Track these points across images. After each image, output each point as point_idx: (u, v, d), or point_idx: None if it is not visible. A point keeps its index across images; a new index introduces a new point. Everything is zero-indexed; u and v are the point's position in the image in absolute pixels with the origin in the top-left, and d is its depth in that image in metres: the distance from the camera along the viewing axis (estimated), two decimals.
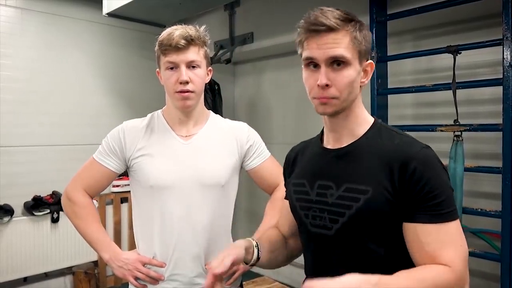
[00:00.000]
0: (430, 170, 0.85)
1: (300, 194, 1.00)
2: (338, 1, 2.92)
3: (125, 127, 1.31)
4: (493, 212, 1.95)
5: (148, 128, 1.31)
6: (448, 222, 0.83)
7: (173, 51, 1.21)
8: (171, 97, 1.27)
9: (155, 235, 1.27)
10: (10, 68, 3.00)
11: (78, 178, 1.34)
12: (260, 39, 3.28)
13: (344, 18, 0.88)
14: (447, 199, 0.84)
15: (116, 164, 1.30)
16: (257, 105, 3.72)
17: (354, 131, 0.95)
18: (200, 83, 1.26)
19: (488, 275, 2.21)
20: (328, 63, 0.87)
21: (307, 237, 1.00)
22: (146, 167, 1.26)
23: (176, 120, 1.31)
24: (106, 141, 1.31)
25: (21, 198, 3.01)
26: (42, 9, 3.15)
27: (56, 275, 3.19)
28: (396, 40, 2.52)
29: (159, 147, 1.28)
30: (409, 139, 0.92)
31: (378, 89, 2.28)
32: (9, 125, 2.98)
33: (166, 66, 1.24)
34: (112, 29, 3.46)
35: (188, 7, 2.83)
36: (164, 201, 1.25)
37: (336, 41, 0.86)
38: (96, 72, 3.44)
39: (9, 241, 2.89)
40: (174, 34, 1.21)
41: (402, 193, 0.85)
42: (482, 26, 2.22)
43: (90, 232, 1.31)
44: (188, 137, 1.31)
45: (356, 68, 0.89)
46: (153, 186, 1.25)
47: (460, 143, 1.97)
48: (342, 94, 0.88)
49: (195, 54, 1.23)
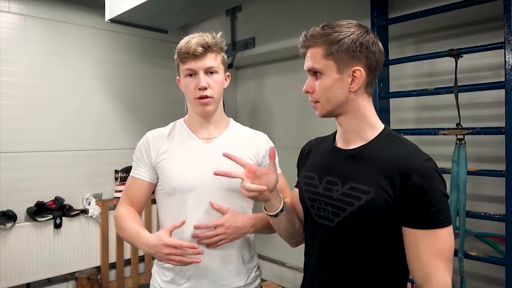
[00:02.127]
0: (429, 183, 0.93)
1: (309, 186, 1.12)
2: (340, 6, 2.94)
3: (148, 135, 1.37)
4: (497, 215, 1.94)
5: (170, 134, 1.35)
6: (442, 228, 0.93)
7: (191, 59, 1.25)
8: (191, 103, 1.31)
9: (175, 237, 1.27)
10: (13, 74, 3.02)
11: (122, 196, 1.39)
12: (261, 44, 3.29)
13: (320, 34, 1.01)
14: (442, 208, 0.94)
15: (147, 172, 1.33)
16: (258, 110, 3.72)
17: (362, 134, 1.05)
18: (218, 88, 1.30)
19: (492, 279, 2.19)
20: (311, 73, 1.04)
21: (312, 225, 1.11)
22: (168, 170, 1.29)
23: (197, 125, 1.35)
24: (135, 154, 1.36)
25: (24, 204, 3.01)
26: (45, 15, 3.17)
27: (59, 281, 3.19)
28: (398, 44, 2.53)
29: (180, 149, 1.32)
30: (413, 150, 1.00)
31: (380, 93, 2.28)
32: (12, 131, 2.99)
33: (185, 73, 1.28)
34: (115, 35, 3.49)
35: (190, 12, 2.85)
36: (186, 203, 1.27)
37: (312, 54, 1.02)
38: (98, 78, 3.46)
39: (12, 247, 2.89)
40: (192, 42, 1.25)
41: (402, 200, 0.94)
42: (484, 30, 2.22)
43: (128, 236, 1.29)
44: (209, 140, 1.34)
45: (332, 77, 1.00)
46: (175, 188, 1.27)
47: (463, 146, 1.96)
48: (320, 98, 1.03)
49: (213, 60, 1.27)
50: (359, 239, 0.99)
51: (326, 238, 1.05)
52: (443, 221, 0.93)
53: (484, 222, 2.12)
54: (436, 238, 0.93)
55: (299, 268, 1.19)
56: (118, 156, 3.51)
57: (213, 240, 1.25)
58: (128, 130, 3.54)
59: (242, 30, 3.46)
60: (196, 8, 2.75)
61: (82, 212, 3.25)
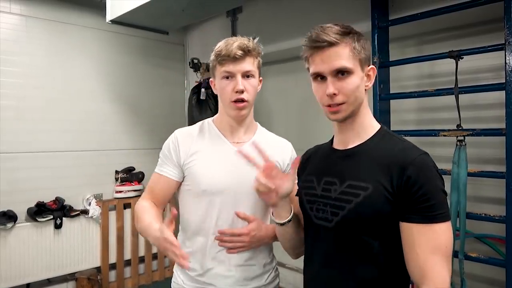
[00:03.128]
0: (425, 176, 0.93)
1: (308, 189, 1.11)
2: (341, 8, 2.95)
3: (178, 133, 1.36)
4: (498, 217, 1.93)
5: (200, 134, 1.35)
6: (439, 223, 0.92)
7: (230, 61, 1.25)
8: (225, 105, 1.31)
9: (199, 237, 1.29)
10: (14, 75, 3.02)
11: (145, 192, 1.39)
12: (262, 45, 3.29)
13: (342, 32, 0.99)
14: (439, 202, 0.93)
15: (173, 171, 1.32)
16: (259, 111, 3.70)
17: (360, 135, 1.06)
18: (253, 92, 1.32)
19: (493, 281, 2.19)
20: (333, 74, 0.98)
21: (311, 228, 1.10)
22: (198, 171, 1.29)
23: (228, 128, 1.35)
24: (162, 151, 1.36)
25: (24, 204, 3.02)
26: (46, 16, 3.18)
27: (59, 281, 3.19)
28: (398, 45, 2.53)
29: (210, 152, 1.31)
30: (410, 146, 1.01)
31: (381, 94, 2.28)
32: (13, 132, 2.99)
33: (223, 76, 1.28)
34: (116, 36, 3.49)
35: (191, 14, 2.85)
36: (213, 205, 1.27)
37: (338, 53, 0.97)
38: (100, 79, 3.46)
39: (12, 247, 2.90)
40: (233, 45, 1.25)
41: (399, 194, 0.94)
42: (484, 31, 2.22)
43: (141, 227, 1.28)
44: (240, 144, 1.34)
45: (359, 75, 1.00)
46: (206, 190, 1.27)
47: (463, 148, 1.96)
48: (349, 99, 0.99)
49: (251, 64, 1.28)
50: (358, 237, 0.98)
51: (326, 240, 1.04)
52: (439, 216, 0.92)
53: (484, 223, 2.12)
54: (433, 233, 0.91)
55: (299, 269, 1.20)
56: (118, 157, 3.52)
57: (236, 245, 1.29)
58: (128, 131, 3.55)
59: (243, 31, 3.43)
60: (197, 9, 2.75)
61: (82, 212, 3.25)
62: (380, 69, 2.28)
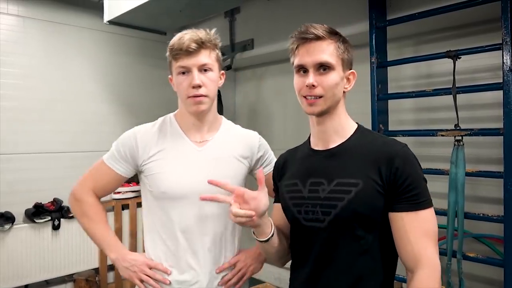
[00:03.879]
0: (410, 166, 0.99)
1: (293, 193, 1.10)
2: (339, 8, 2.95)
3: (137, 132, 1.29)
4: (496, 217, 1.94)
5: (161, 133, 1.29)
6: (425, 210, 0.98)
7: (184, 55, 1.19)
8: (184, 102, 1.25)
9: (165, 240, 1.26)
10: (11, 76, 3.01)
11: (87, 179, 1.34)
12: (260, 45, 3.29)
13: (330, 31, 1.04)
14: (423, 190, 0.99)
15: (126, 169, 1.29)
16: (257, 111, 3.73)
17: (340, 133, 1.08)
18: (213, 86, 1.24)
19: (491, 281, 2.19)
20: (315, 68, 1.02)
21: (300, 232, 1.09)
22: (159, 173, 1.24)
23: (190, 126, 1.29)
24: (117, 147, 1.30)
25: (22, 206, 3.00)
26: (43, 17, 3.17)
27: (57, 283, 3.17)
28: (396, 45, 2.53)
29: (172, 153, 1.26)
30: (390, 140, 1.07)
31: (379, 94, 2.28)
32: (10, 133, 2.98)
33: (178, 71, 1.22)
34: (114, 37, 3.48)
35: (189, 14, 2.85)
36: (175, 208, 1.24)
37: (322, 48, 1.02)
38: (97, 80, 3.45)
39: (10, 249, 2.88)
40: (185, 38, 1.19)
41: (388, 185, 0.98)
42: (482, 31, 2.23)
43: (97, 232, 1.32)
44: (202, 143, 1.29)
45: (340, 74, 1.04)
46: (165, 192, 1.23)
47: (461, 147, 1.96)
48: (327, 94, 1.02)
49: (207, 57, 1.22)
50: (352, 233, 1.00)
51: (319, 240, 1.04)
52: (425, 202, 0.98)
53: (482, 223, 2.12)
54: (422, 219, 0.97)
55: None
56: None
57: (238, 275, 1.31)
58: None
59: (241, 32, 3.46)
60: (194, 9, 2.75)
61: None
62: (378, 69, 2.28)
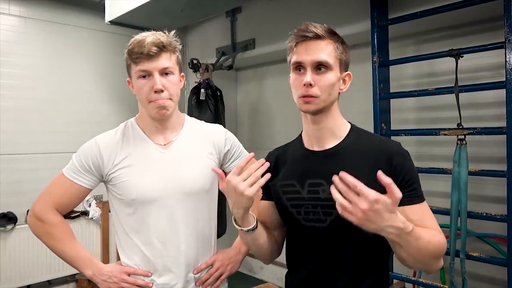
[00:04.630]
0: (408, 164, 1.03)
1: (290, 194, 1.10)
2: (340, 7, 2.94)
3: (100, 142, 1.26)
4: (499, 216, 1.93)
5: (124, 140, 1.26)
6: (422, 202, 1.03)
7: (145, 59, 1.16)
8: (145, 106, 1.23)
9: (140, 246, 1.25)
10: (14, 76, 3.02)
11: (47, 196, 1.28)
12: (261, 45, 3.29)
13: (329, 31, 1.05)
14: (419, 186, 1.04)
15: (90, 180, 1.25)
16: (259, 111, 3.72)
17: (335, 133, 1.09)
18: (175, 89, 1.22)
19: (494, 280, 2.19)
20: (313, 67, 1.02)
21: (299, 232, 1.10)
22: (126, 181, 1.22)
23: (153, 129, 1.27)
24: (78, 158, 1.26)
25: (24, 206, 2.99)
26: (45, 17, 3.18)
27: (59, 283, 3.18)
28: (398, 44, 2.52)
29: (137, 158, 1.24)
30: (385, 138, 1.13)
31: (380, 94, 2.27)
32: (12, 133, 2.99)
33: (138, 75, 1.19)
34: (115, 37, 3.48)
35: (190, 14, 2.85)
36: (148, 213, 1.22)
37: (321, 47, 1.02)
38: (99, 80, 3.46)
39: (12, 249, 2.89)
40: (145, 41, 1.16)
41: None
42: (484, 30, 2.22)
43: (68, 251, 1.26)
44: (166, 146, 1.27)
45: (336, 75, 1.04)
46: (136, 199, 1.21)
47: (464, 146, 1.96)
48: (323, 94, 1.02)
49: (168, 60, 1.19)
50: (353, 233, 0.98)
51: (320, 240, 1.05)
52: (421, 196, 1.03)
53: (485, 222, 2.11)
54: (423, 210, 1.02)
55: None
56: None
57: (216, 275, 1.30)
58: None
59: (242, 32, 3.45)
60: (195, 9, 2.75)
61: (82, 214, 3.25)
62: (380, 68, 2.27)
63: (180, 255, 1.25)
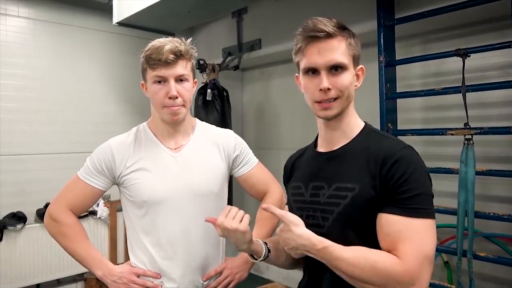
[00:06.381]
0: (406, 167, 0.90)
1: (297, 196, 1.08)
2: (346, 7, 2.94)
3: (112, 145, 1.29)
4: (506, 216, 1.92)
5: (136, 143, 1.30)
6: (415, 218, 0.87)
7: (162, 66, 1.19)
8: (158, 111, 1.26)
9: (148, 248, 1.27)
10: (22, 77, 3.05)
11: (62, 197, 1.32)
12: (267, 45, 3.30)
13: (339, 26, 0.96)
14: (418, 197, 0.88)
15: (103, 182, 1.29)
16: (265, 111, 3.73)
17: (346, 134, 1.03)
18: (188, 96, 1.25)
19: (502, 280, 2.17)
20: (328, 69, 0.95)
21: None
22: (138, 183, 1.25)
23: (164, 133, 1.30)
24: (92, 160, 1.29)
25: (33, 205, 3.05)
26: (53, 19, 3.21)
27: (68, 282, 3.21)
28: (404, 44, 2.52)
29: (149, 161, 1.27)
30: (395, 141, 0.99)
31: (387, 93, 2.27)
32: (21, 134, 3.02)
33: (154, 80, 1.22)
34: (122, 38, 3.51)
35: (197, 15, 2.86)
36: (158, 215, 1.25)
37: (334, 47, 0.95)
38: (106, 81, 3.49)
39: (22, 248, 2.93)
40: (164, 49, 1.19)
41: (382, 186, 0.91)
42: (491, 29, 2.21)
43: (80, 251, 1.29)
44: (177, 149, 1.30)
45: (352, 72, 0.98)
46: (147, 201, 1.24)
47: (471, 146, 1.95)
48: (343, 95, 0.96)
49: (184, 68, 1.22)
50: (348, 240, 0.94)
51: None
52: (417, 210, 0.87)
53: (493, 222, 2.11)
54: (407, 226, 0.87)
55: None
56: None
57: (224, 283, 1.31)
58: None
59: (248, 32, 3.47)
60: (202, 10, 2.76)
61: (90, 213, 3.28)
62: (387, 68, 2.27)
63: (189, 258, 1.26)
